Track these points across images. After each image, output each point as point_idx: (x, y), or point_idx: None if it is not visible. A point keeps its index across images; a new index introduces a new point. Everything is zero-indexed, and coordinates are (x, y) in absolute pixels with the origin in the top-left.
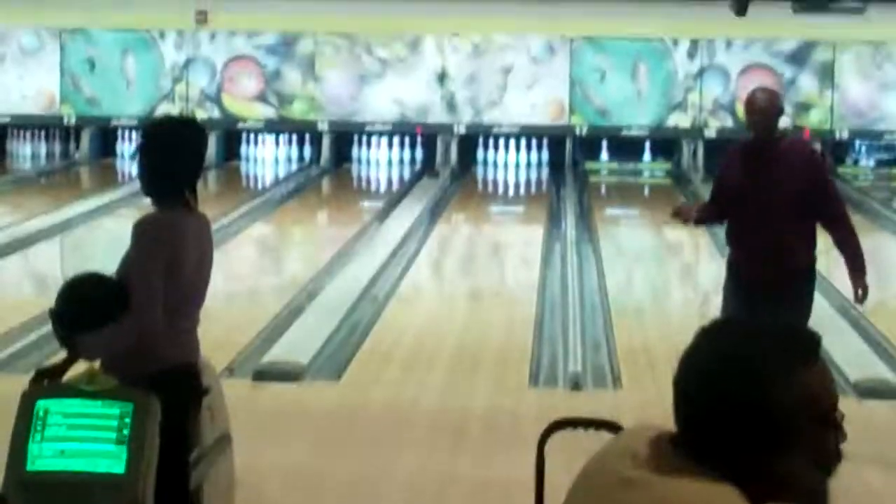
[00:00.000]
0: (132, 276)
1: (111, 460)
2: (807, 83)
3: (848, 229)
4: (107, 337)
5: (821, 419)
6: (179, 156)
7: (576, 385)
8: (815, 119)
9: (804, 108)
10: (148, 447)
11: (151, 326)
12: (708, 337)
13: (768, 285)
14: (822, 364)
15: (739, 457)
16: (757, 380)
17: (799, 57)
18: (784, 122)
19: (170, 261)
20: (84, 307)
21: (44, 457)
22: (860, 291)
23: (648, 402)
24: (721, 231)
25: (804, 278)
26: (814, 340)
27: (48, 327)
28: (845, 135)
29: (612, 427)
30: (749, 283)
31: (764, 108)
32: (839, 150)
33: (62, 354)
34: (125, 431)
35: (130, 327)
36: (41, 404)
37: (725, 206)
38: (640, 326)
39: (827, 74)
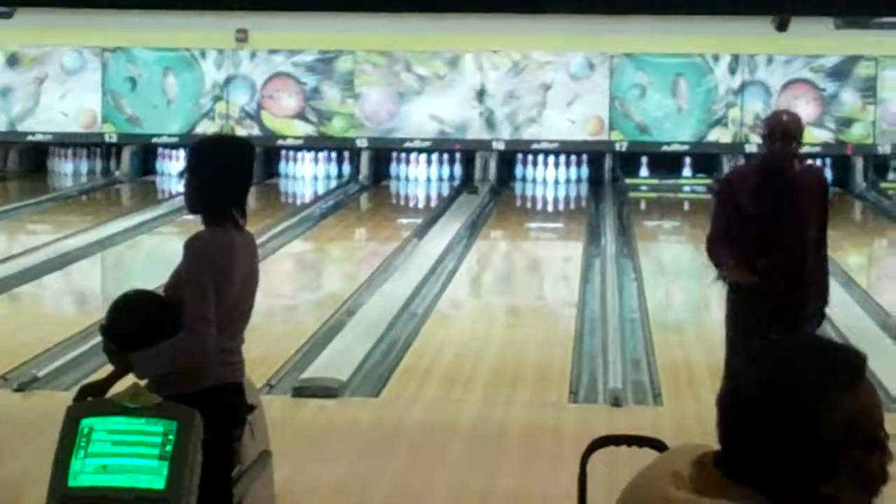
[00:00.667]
0: (184, 294)
1: (153, 476)
2: (849, 98)
3: (824, 254)
4: (158, 354)
5: (866, 442)
6: (227, 173)
7: (616, 401)
8: (857, 134)
9: (846, 123)
10: (190, 464)
11: (204, 345)
12: (753, 358)
13: (786, 312)
14: (868, 385)
15: (784, 479)
16: (803, 403)
17: (841, 72)
18: (826, 136)
19: (219, 279)
20: (136, 323)
21: (86, 472)
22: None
23: (689, 419)
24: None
25: (821, 304)
26: (860, 361)
27: (90, 344)
28: (888, 149)
29: (656, 444)
30: (766, 311)
31: (789, 130)
32: (881, 164)
33: (105, 371)
34: (168, 448)
35: (184, 345)
36: (86, 422)
37: (735, 236)
38: (681, 343)
39: (869, 89)
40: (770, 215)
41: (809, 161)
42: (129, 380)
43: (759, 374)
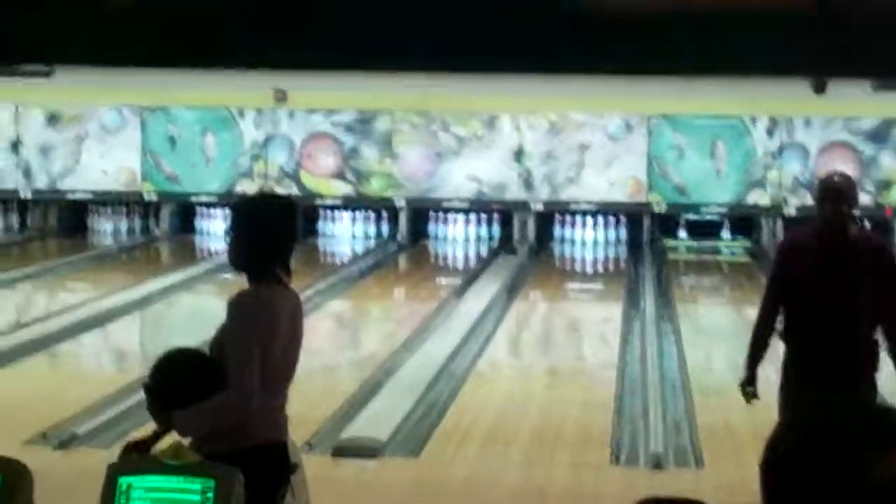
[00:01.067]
0: (229, 352)
1: None
2: (887, 161)
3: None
4: (201, 413)
5: None
6: (270, 231)
7: (657, 464)
8: None
9: (885, 185)
10: None
11: (248, 404)
12: (794, 419)
13: (837, 381)
14: None
15: None
16: (844, 466)
17: (879, 135)
18: (865, 199)
19: (263, 336)
20: (180, 382)
21: None
22: None
23: (731, 482)
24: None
25: (871, 372)
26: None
27: (129, 402)
28: None
29: None
30: (818, 382)
31: (842, 193)
32: None
33: (146, 428)
34: None
35: (227, 404)
36: (124, 479)
37: (789, 303)
38: (722, 406)
39: None
40: (819, 282)
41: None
42: (173, 436)
43: (798, 433)
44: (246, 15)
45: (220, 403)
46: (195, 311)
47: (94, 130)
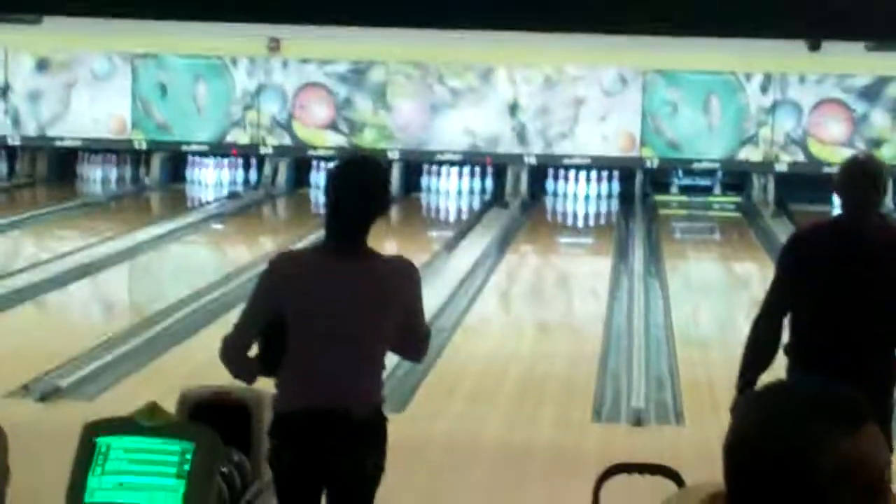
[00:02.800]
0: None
1: (169, 494)
2: (879, 119)
3: None
4: None
5: (867, 486)
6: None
7: (638, 421)
8: (887, 155)
9: (876, 144)
10: (206, 483)
11: (222, 348)
12: (755, 404)
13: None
14: (871, 430)
15: None
16: (800, 447)
17: (871, 93)
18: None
19: (262, 297)
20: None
21: (103, 489)
22: None
23: (710, 440)
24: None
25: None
26: (862, 405)
27: (115, 353)
28: None
29: (668, 472)
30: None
31: (878, 180)
32: None
33: (128, 381)
34: (185, 467)
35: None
36: (102, 440)
37: (798, 313)
38: (705, 361)
39: None
40: (839, 292)
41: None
42: (146, 398)
43: (758, 415)
44: None
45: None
46: (185, 261)
47: (84, 77)
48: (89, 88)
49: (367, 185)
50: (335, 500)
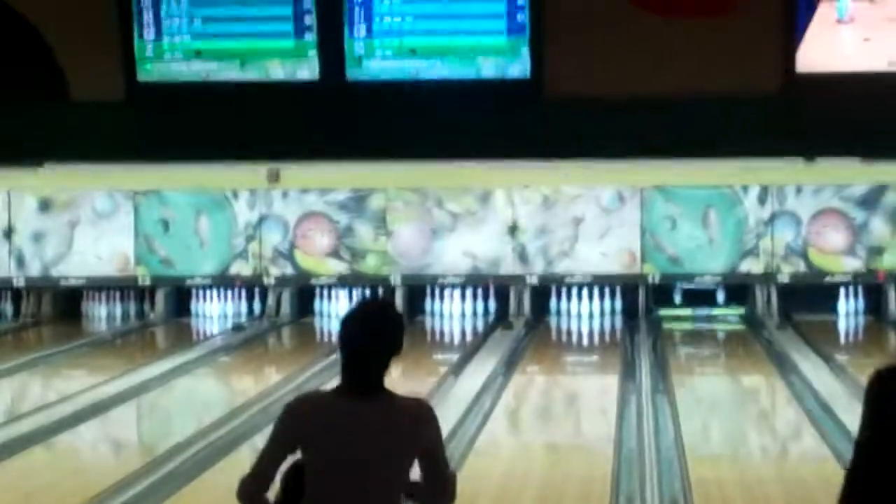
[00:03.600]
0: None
1: None
2: (878, 226)
3: None
4: None
5: None
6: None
7: None
8: (888, 262)
9: (877, 251)
10: None
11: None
12: None
13: None
14: None
15: None
16: None
17: (870, 201)
18: (857, 265)
19: (279, 438)
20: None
21: None
22: None
23: None
24: (796, 375)
25: None
26: None
27: (128, 495)
28: None
29: None
30: None
31: None
32: None
33: None
34: None
35: None
36: None
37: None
38: (717, 479)
39: None
40: None
41: None
42: None
43: None
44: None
45: None
46: (192, 396)
47: (87, 215)
48: (92, 227)
49: (379, 330)
50: None
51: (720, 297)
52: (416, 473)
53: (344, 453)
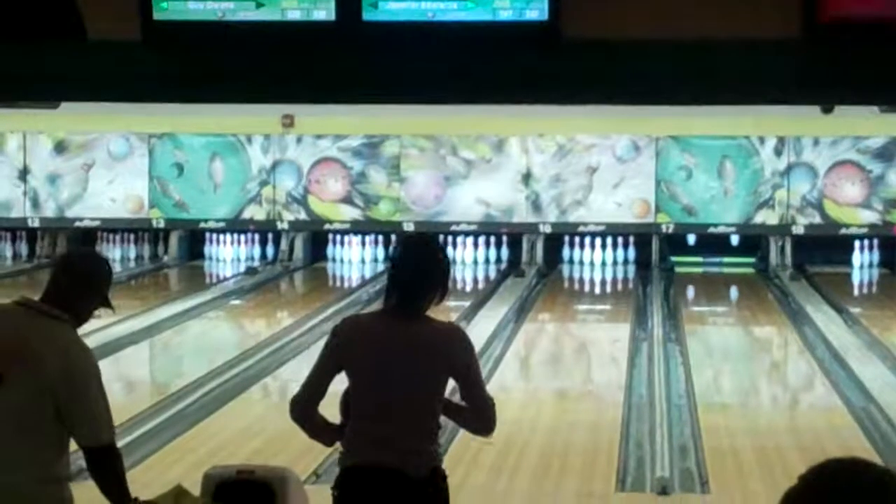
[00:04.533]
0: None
1: None
2: (895, 180)
3: None
4: None
5: None
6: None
7: (663, 490)
8: None
9: (893, 204)
10: None
11: (290, 409)
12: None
13: None
14: None
15: None
16: None
17: (886, 153)
18: (874, 217)
19: (327, 358)
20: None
21: None
22: None
23: None
24: (808, 326)
25: None
26: None
27: (137, 433)
28: None
29: None
30: None
31: None
32: None
33: (152, 465)
34: None
35: None
36: None
37: None
38: (728, 428)
39: None
40: None
41: None
42: (171, 477)
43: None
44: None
45: None
46: (204, 338)
47: (102, 158)
48: (107, 169)
49: (428, 263)
50: None
51: (734, 246)
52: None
53: (383, 368)
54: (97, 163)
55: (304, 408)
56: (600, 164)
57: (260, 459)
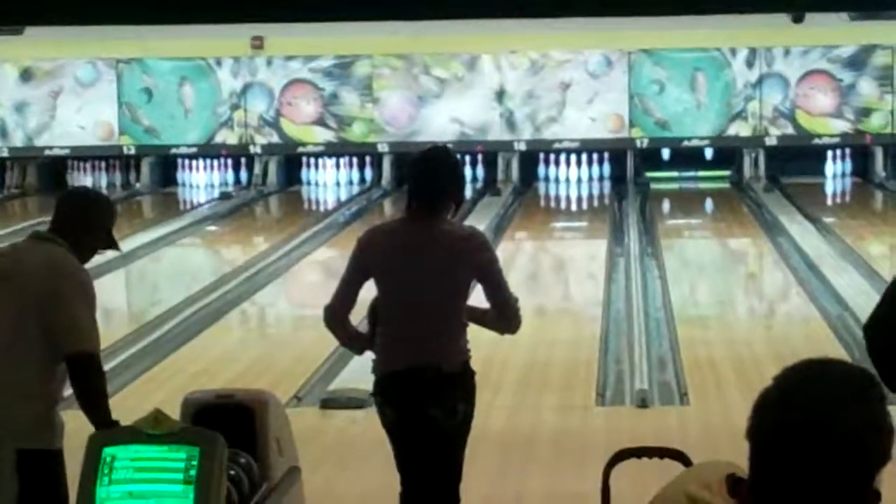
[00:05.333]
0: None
1: (179, 500)
2: (866, 88)
3: None
4: None
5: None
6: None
7: (642, 403)
8: (875, 124)
9: (864, 112)
10: (214, 487)
11: (325, 314)
12: (786, 390)
13: None
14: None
15: None
16: (855, 432)
17: (857, 62)
18: (845, 126)
19: (355, 266)
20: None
21: (112, 499)
22: None
23: (714, 418)
24: (783, 237)
25: None
26: (876, 380)
27: (114, 362)
28: None
29: (677, 455)
30: None
31: None
32: None
33: (130, 390)
34: (192, 473)
35: None
36: (108, 451)
37: None
38: (705, 340)
39: (886, 78)
40: None
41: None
42: (150, 403)
43: (799, 406)
44: None
45: None
46: (180, 264)
47: (69, 85)
48: (75, 96)
49: (436, 168)
50: (433, 449)
51: (708, 160)
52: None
53: (408, 271)
54: (65, 90)
55: (335, 314)
56: (573, 80)
57: (240, 384)
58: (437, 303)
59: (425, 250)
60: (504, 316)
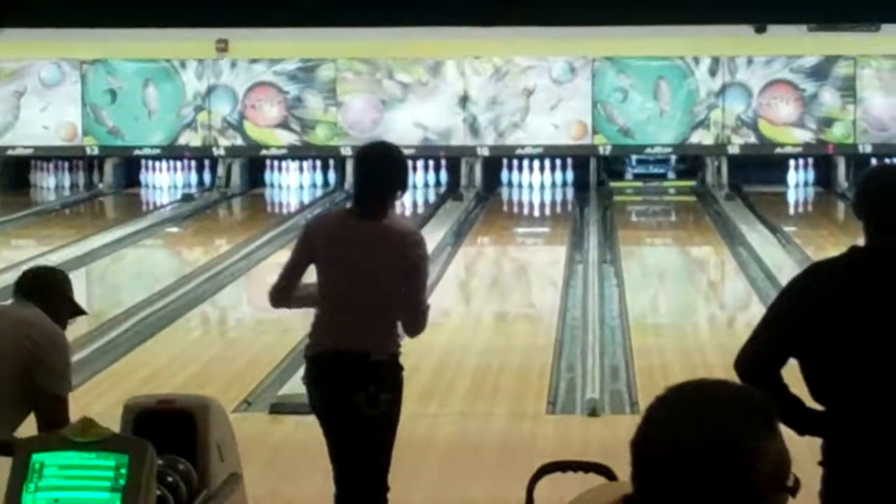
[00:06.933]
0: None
1: None
2: (829, 98)
3: None
4: None
5: (782, 486)
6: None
7: (592, 412)
8: (838, 134)
9: (826, 122)
10: (143, 495)
11: (269, 298)
12: (675, 407)
13: None
14: (779, 428)
15: None
16: (743, 452)
17: (820, 72)
18: (807, 136)
19: (299, 252)
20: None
21: None
22: None
23: None
24: (743, 247)
25: None
26: (773, 404)
27: (75, 358)
28: (868, 149)
29: (601, 470)
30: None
31: None
32: (863, 163)
33: (87, 389)
34: (120, 482)
35: None
36: (36, 457)
37: (827, 374)
38: (659, 349)
39: (848, 89)
40: (874, 327)
41: None
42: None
43: (690, 426)
44: None
45: None
46: (141, 265)
47: (33, 85)
48: (39, 97)
49: (377, 163)
50: (356, 433)
51: (671, 168)
52: None
53: (346, 260)
54: (28, 90)
55: (280, 294)
56: (537, 86)
57: (193, 387)
58: (369, 292)
59: (363, 241)
60: (410, 316)
